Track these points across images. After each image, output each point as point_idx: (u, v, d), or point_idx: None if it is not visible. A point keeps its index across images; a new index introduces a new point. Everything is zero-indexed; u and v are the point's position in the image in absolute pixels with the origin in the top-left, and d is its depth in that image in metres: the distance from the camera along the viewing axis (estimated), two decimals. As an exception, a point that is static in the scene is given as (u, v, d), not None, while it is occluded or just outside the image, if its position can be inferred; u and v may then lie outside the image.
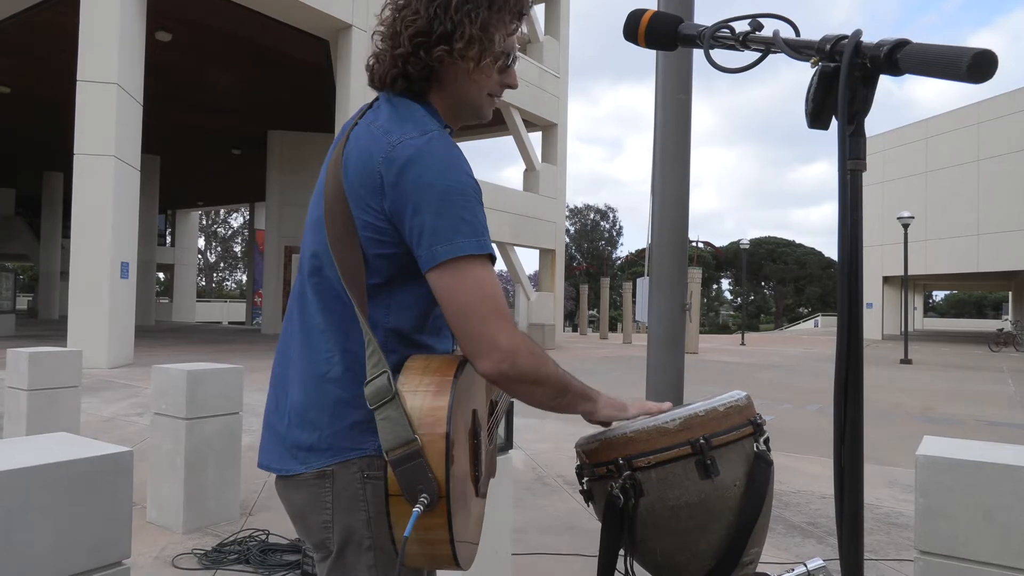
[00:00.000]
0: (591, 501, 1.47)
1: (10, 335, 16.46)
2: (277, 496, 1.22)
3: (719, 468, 1.27)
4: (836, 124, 0.81)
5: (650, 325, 3.33)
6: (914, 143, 29.99)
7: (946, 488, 1.64)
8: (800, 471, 5.09)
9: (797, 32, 0.93)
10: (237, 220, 60.69)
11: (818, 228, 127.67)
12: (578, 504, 4.03)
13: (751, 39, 0.97)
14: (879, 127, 32.90)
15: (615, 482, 1.30)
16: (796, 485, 4.68)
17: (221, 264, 64.47)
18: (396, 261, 1.12)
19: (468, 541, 1.11)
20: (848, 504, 0.84)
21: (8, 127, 20.86)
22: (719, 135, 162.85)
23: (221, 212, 58.95)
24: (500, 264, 20.25)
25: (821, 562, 1.49)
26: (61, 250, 26.05)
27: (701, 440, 1.26)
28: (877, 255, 30.29)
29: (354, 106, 12.72)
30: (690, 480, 1.26)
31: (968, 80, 0.70)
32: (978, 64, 0.70)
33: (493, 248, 1.11)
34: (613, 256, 59.18)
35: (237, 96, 18.41)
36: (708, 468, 1.26)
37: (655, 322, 3.30)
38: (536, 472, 4.92)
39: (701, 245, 46.87)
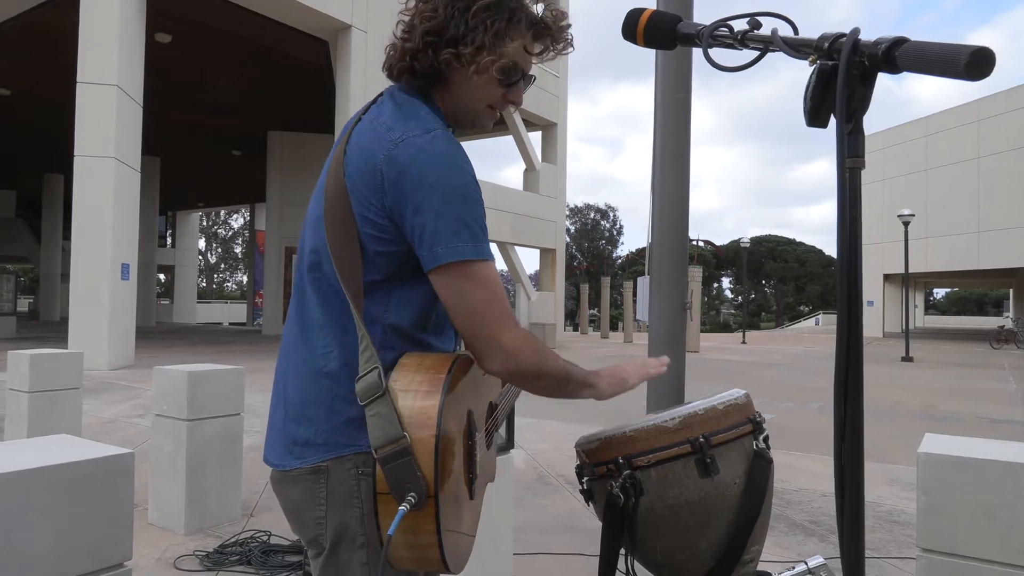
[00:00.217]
0: (591, 501, 1.47)
1: (11, 337, 16.48)
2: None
3: (719, 466, 1.27)
4: (835, 122, 0.81)
5: (651, 324, 3.33)
6: (914, 140, 29.97)
7: (948, 486, 1.64)
8: (802, 469, 5.09)
9: (795, 30, 0.93)
10: (237, 221, 60.77)
11: (818, 226, 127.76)
12: (579, 504, 4.03)
13: (749, 38, 0.97)
14: (879, 125, 32.84)
15: (615, 481, 1.30)
16: (798, 483, 4.67)
17: (222, 265, 64.49)
18: (397, 258, 1.11)
19: (459, 544, 1.09)
20: (849, 502, 0.84)
21: (8, 129, 20.87)
22: (719, 134, 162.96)
23: (221, 213, 59.00)
24: (500, 264, 20.26)
25: (822, 560, 1.50)
26: (62, 252, 26.06)
27: (700, 438, 1.26)
28: (878, 253, 30.27)
29: (354, 107, 12.72)
30: (690, 479, 1.26)
31: (966, 78, 0.70)
32: (976, 62, 0.70)
33: (491, 251, 1.11)
34: (614, 255, 59.18)
35: (237, 96, 18.42)
36: (708, 466, 1.26)
37: (656, 321, 3.30)
38: (537, 471, 4.92)
39: (702, 244, 46.85)
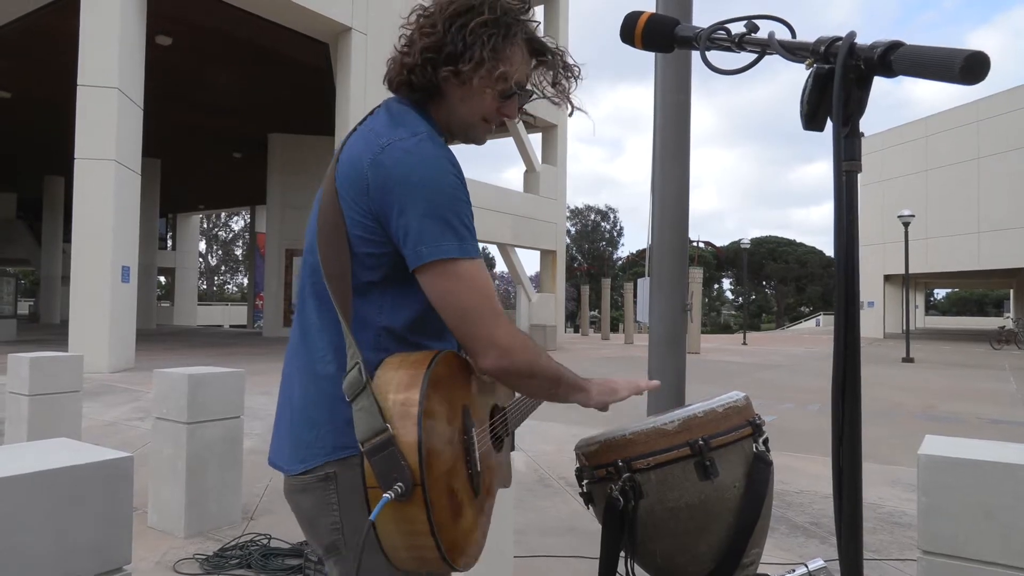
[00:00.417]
0: (591, 503, 1.47)
1: (11, 340, 16.49)
2: (279, 500, 1.23)
3: (718, 469, 1.27)
4: (831, 126, 0.81)
5: (651, 325, 3.33)
6: (914, 141, 29.97)
7: (948, 487, 1.63)
8: (802, 471, 5.08)
9: (793, 33, 0.93)
10: (238, 223, 60.74)
11: (818, 227, 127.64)
12: (580, 506, 4.03)
13: (747, 41, 0.97)
14: (877, 126, 32.89)
15: (615, 484, 1.30)
16: (799, 485, 4.67)
17: (222, 267, 64.50)
18: (388, 260, 1.13)
19: (462, 543, 1.08)
20: (847, 503, 0.84)
21: (9, 131, 20.89)
22: (719, 135, 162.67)
23: (222, 215, 59.01)
24: (501, 265, 20.27)
25: (822, 562, 1.50)
26: (62, 254, 26.08)
27: (700, 441, 1.26)
28: (878, 253, 30.26)
29: (354, 108, 12.76)
30: (689, 481, 1.26)
31: (961, 82, 0.70)
32: (970, 66, 0.70)
33: (478, 249, 1.12)
34: (614, 256, 59.19)
35: (237, 98, 18.44)
36: (707, 469, 1.26)
37: (656, 322, 3.31)
38: (538, 474, 4.92)
39: (702, 245, 46.86)
